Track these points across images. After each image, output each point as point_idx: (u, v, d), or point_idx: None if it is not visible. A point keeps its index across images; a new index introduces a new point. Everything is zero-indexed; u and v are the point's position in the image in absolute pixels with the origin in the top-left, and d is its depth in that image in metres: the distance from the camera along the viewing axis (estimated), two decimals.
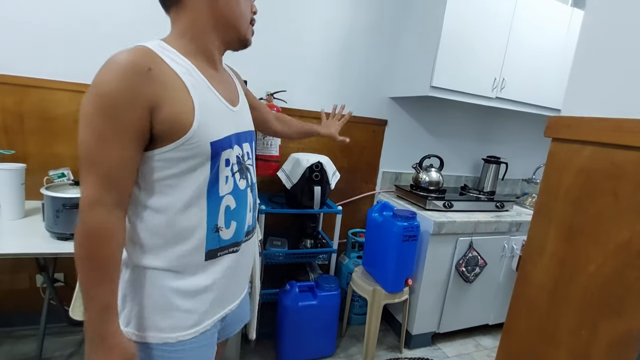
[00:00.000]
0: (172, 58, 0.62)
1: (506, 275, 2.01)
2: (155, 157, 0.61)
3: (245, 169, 0.75)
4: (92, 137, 0.56)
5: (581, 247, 0.57)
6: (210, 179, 0.65)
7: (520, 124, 2.56)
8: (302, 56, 1.88)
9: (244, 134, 0.76)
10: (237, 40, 0.73)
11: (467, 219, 1.81)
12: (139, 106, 0.56)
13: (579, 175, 0.57)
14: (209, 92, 0.66)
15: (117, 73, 0.55)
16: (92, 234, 0.57)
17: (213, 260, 0.70)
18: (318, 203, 1.70)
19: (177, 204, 0.64)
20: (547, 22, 1.94)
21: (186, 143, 0.61)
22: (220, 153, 0.66)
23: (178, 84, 0.61)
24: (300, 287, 1.65)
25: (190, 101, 0.61)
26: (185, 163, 0.62)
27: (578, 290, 0.57)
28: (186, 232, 0.65)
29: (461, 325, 2.02)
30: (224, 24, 0.68)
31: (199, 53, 0.68)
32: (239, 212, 0.73)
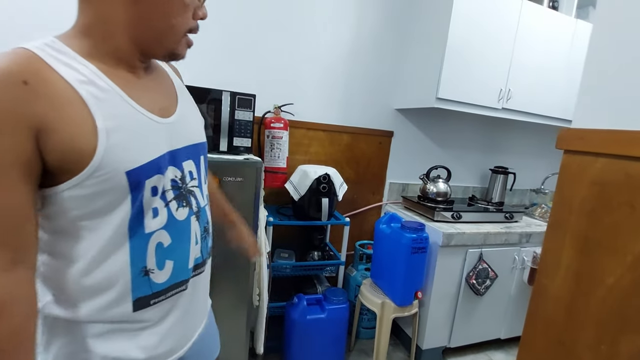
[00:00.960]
0: (64, 62, 0.47)
1: (518, 287, 1.97)
2: (57, 195, 0.47)
3: (187, 194, 0.61)
4: None
5: (598, 260, 0.56)
6: (131, 215, 0.52)
7: (528, 134, 2.55)
8: (309, 69, 1.91)
9: (182, 150, 0.60)
10: (162, 54, 0.57)
11: (476, 230, 1.79)
12: (18, 132, 0.42)
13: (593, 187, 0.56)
14: (121, 104, 0.51)
15: None
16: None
17: (146, 310, 0.56)
18: (326, 215, 1.70)
19: (93, 249, 0.51)
20: (551, 33, 1.95)
21: (92, 176, 0.47)
22: (143, 182, 0.52)
23: (72, 99, 0.46)
24: (308, 300, 1.64)
25: (89, 120, 0.46)
26: (98, 201, 0.49)
27: (596, 304, 0.56)
28: (105, 282, 0.52)
29: (472, 340, 1.97)
30: (145, 34, 0.52)
31: (108, 54, 0.51)
32: (176, 249, 0.59)
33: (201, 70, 1.71)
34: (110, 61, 0.52)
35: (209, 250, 0.71)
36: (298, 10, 1.82)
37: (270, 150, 1.72)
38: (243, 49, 1.76)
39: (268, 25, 1.78)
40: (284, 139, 1.73)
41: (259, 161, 1.39)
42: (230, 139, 1.46)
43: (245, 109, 1.47)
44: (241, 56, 1.76)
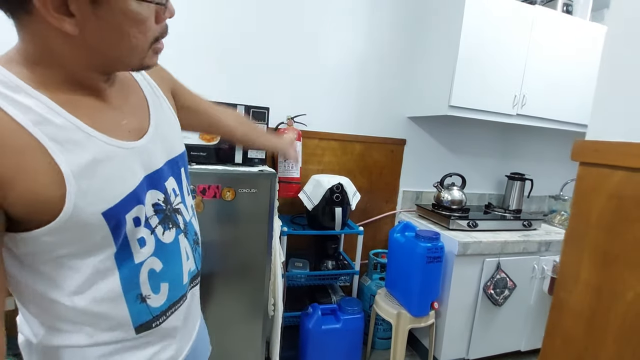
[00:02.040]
0: (14, 100, 0.39)
1: (538, 297, 1.92)
2: (31, 239, 0.43)
3: (171, 214, 0.58)
4: None
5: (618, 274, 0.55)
6: (117, 251, 0.49)
7: (544, 140, 2.50)
8: (321, 79, 1.94)
9: (161, 170, 0.56)
10: (128, 69, 0.52)
11: (493, 239, 1.76)
12: None
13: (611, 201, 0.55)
14: (86, 141, 0.44)
15: None
16: None
17: (150, 332, 0.55)
18: (339, 224, 1.71)
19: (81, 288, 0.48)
20: (566, 37, 1.92)
21: (66, 225, 0.42)
22: (123, 218, 0.48)
23: (27, 145, 0.39)
24: (323, 310, 1.64)
25: (53, 167, 0.41)
26: (77, 244, 0.45)
27: (617, 319, 0.54)
28: (102, 313, 0.50)
29: (492, 352, 1.92)
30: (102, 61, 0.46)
31: (66, 82, 0.45)
32: (169, 271, 0.57)
33: (216, 85, 1.76)
34: (68, 88, 0.45)
35: (201, 258, 0.69)
36: (309, 21, 1.86)
37: (284, 161, 1.75)
38: (255, 61, 1.81)
39: (280, 37, 1.83)
40: (297, 150, 1.76)
41: (273, 172, 1.41)
42: (245, 151, 1.49)
43: (259, 121, 1.51)
44: (254, 69, 1.81)
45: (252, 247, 1.41)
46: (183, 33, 1.68)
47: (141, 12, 0.43)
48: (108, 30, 0.42)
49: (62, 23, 0.39)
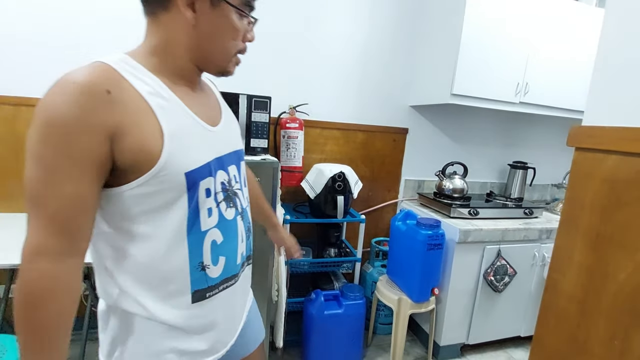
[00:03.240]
0: (137, 76, 0.53)
1: (538, 284, 1.94)
2: (123, 194, 0.53)
3: (232, 195, 0.67)
4: (39, 171, 0.47)
5: (610, 256, 0.56)
6: (189, 214, 0.57)
7: (547, 128, 2.49)
8: (322, 68, 1.94)
9: (227, 156, 0.67)
10: (214, 71, 0.65)
11: (494, 227, 1.77)
12: (96, 135, 0.48)
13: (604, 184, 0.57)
14: (182, 114, 0.58)
15: (69, 97, 0.47)
16: (32, 291, 0.48)
17: (202, 302, 0.62)
18: (341, 212, 1.73)
19: (156, 244, 0.56)
20: (571, 23, 1.90)
21: (156, 176, 0.52)
22: (198, 183, 0.58)
23: (143, 107, 0.52)
24: (326, 296, 1.67)
25: (157, 127, 0.53)
26: (158, 199, 0.54)
27: (608, 300, 0.56)
28: (167, 275, 0.58)
29: (491, 337, 1.96)
30: (201, 55, 0.60)
31: (171, 71, 0.59)
32: (227, 246, 0.65)
33: None
34: (172, 77, 0.59)
35: (251, 248, 0.77)
36: (311, 10, 1.85)
37: (286, 150, 1.76)
38: (257, 51, 1.81)
39: (281, 27, 1.82)
40: (299, 139, 1.77)
41: (276, 161, 1.43)
42: (248, 140, 1.51)
43: (261, 111, 1.52)
44: (256, 59, 1.81)
45: (255, 235, 1.44)
46: None
47: (238, 25, 0.60)
48: (214, 29, 0.58)
49: (187, 14, 0.55)
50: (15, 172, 1.60)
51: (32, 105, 1.57)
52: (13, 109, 1.55)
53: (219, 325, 0.67)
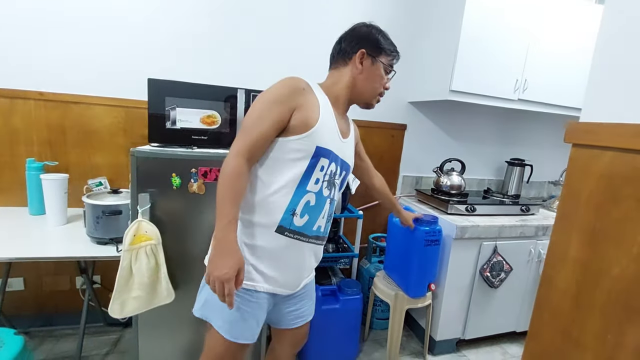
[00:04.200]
0: (318, 90, 0.94)
1: (533, 280, 1.96)
2: (281, 142, 0.88)
3: (332, 184, 0.97)
4: (254, 115, 0.85)
5: (604, 251, 0.57)
6: (305, 172, 0.89)
7: (545, 125, 2.49)
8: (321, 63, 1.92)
9: (342, 161, 0.99)
10: (363, 103, 1.03)
11: (490, 223, 1.78)
12: (288, 106, 0.85)
13: (601, 181, 0.57)
14: (331, 118, 0.94)
15: (284, 84, 0.88)
16: (232, 170, 0.82)
17: (280, 236, 0.91)
18: (339, 208, 1.73)
19: (278, 180, 0.89)
20: (570, 20, 1.90)
21: (303, 138, 0.87)
22: (320, 157, 0.90)
23: (315, 103, 0.90)
24: (323, 291, 1.68)
25: (317, 114, 0.89)
26: (296, 154, 0.87)
27: (602, 294, 0.57)
28: (272, 206, 0.89)
29: (487, 332, 1.98)
30: (358, 90, 0.99)
31: (335, 98, 0.98)
32: (314, 210, 0.93)
33: (217, 69, 1.76)
34: (333, 101, 0.97)
35: (327, 232, 1.03)
36: (309, 5, 1.83)
37: None
38: (255, 46, 1.80)
39: (279, 22, 1.81)
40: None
41: None
42: None
43: None
44: (255, 53, 1.80)
45: None
46: (184, 16, 1.66)
47: (383, 75, 1.01)
48: (370, 76, 0.98)
49: (359, 66, 0.97)
50: (10, 165, 1.59)
51: (28, 98, 1.55)
52: (9, 102, 1.54)
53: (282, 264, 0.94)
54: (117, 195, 1.42)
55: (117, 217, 1.32)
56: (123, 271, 1.18)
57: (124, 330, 1.85)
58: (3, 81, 1.52)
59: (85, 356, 1.64)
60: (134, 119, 1.69)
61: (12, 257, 1.17)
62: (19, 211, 1.57)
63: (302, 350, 1.71)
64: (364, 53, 0.96)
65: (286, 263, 0.95)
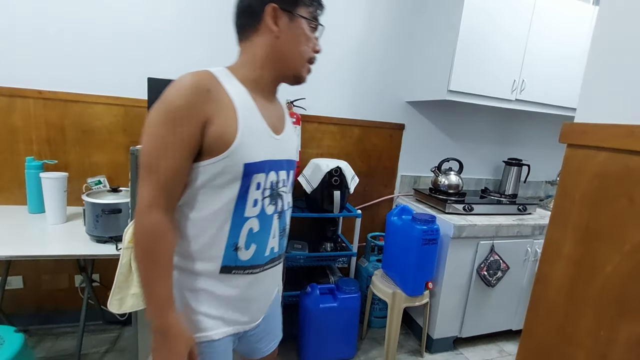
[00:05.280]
0: (230, 83, 0.69)
1: (530, 279, 1.97)
2: (197, 168, 0.67)
3: (276, 196, 0.78)
4: (155, 145, 0.63)
5: (598, 249, 0.58)
6: (237, 198, 0.69)
7: (542, 126, 2.51)
8: (319, 63, 1.93)
9: (282, 161, 0.78)
10: (291, 76, 0.77)
11: (488, 223, 1.80)
12: (196, 120, 0.63)
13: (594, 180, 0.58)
14: (255, 117, 0.71)
15: (182, 91, 0.63)
16: (150, 234, 0.64)
17: (227, 276, 0.73)
18: (338, 207, 1.74)
19: (206, 216, 0.69)
20: (568, 21, 1.91)
21: (224, 159, 0.66)
22: (252, 175, 0.70)
23: (230, 106, 0.67)
24: (321, 290, 1.69)
25: (235, 122, 0.67)
26: (220, 178, 0.67)
27: (596, 291, 0.58)
28: (208, 244, 0.71)
29: (484, 330, 1.99)
30: (281, 60, 0.74)
31: (255, 82, 0.74)
32: (261, 236, 0.75)
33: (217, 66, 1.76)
34: (255, 88, 0.74)
35: (284, 248, 0.86)
36: None
37: None
38: None
39: None
40: (296, 133, 1.77)
41: None
42: None
43: None
44: None
45: None
46: (184, 15, 1.67)
47: (309, 34, 0.76)
48: (291, 37, 0.73)
49: (274, 28, 0.71)
50: (9, 164, 1.59)
51: (27, 96, 1.55)
52: (8, 100, 1.54)
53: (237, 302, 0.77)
54: (117, 194, 1.42)
55: (116, 215, 1.32)
56: (122, 268, 1.18)
57: (123, 328, 1.86)
58: (2, 79, 1.52)
59: (84, 354, 1.64)
60: (134, 118, 1.70)
61: (11, 256, 1.17)
62: (18, 209, 1.57)
63: (301, 349, 1.73)
64: (276, 9, 0.70)
65: (243, 299, 0.78)
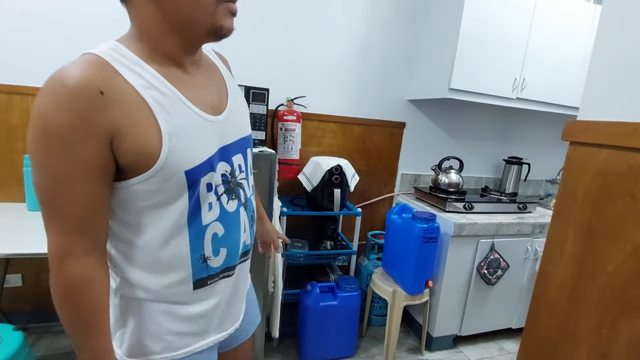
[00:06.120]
0: (130, 68, 0.50)
1: (530, 278, 1.97)
2: (124, 188, 0.53)
3: (235, 186, 0.65)
4: (49, 180, 0.47)
5: (600, 248, 0.58)
6: (189, 210, 0.57)
7: (543, 124, 2.51)
8: (320, 61, 1.93)
9: (233, 145, 0.64)
10: (205, 33, 0.56)
11: (488, 221, 1.79)
12: (96, 139, 0.47)
13: (597, 178, 0.58)
14: (180, 108, 0.54)
15: (61, 102, 0.45)
16: (69, 290, 0.51)
17: (203, 289, 0.63)
18: (338, 205, 1.74)
19: (157, 238, 0.57)
20: (569, 19, 1.91)
21: (156, 175, 0.51)
22: (199, 180, 0.56)
23: (139, 104, 0.49)
24: (321, 288, 1.69)
25: (155, 125, 0.50)
26: (158, 195, 0.54)
27: (597, 290, 0.58)
28: (170, 266, 0.59)
29: (484, 329, 1.99)
30: (178, 19, 0.53)
31: (162, 56, 0.54)
32: (229, 238, 0.64)
33: None
34: (164, 62, 0.55)
35: (253, 237, 0.74)
36: (309, 2, 1.83)
37: (284, 143, 1.76)
38: (256, 43, 1.79)
39: (279, 19, 1.81)
40: (296, 131, 1.77)
41: (273, 153, 1.43)
42: None
43: (259, 102, 1.51)
44: (254, 50, 1.80)
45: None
46: None
47: None
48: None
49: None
50: (8, 161, 1.58)
51: (26, 93, 1.55)
52: (6, 97, 1.53)
53: (218, 310, 0.68)
54: None
55: None
56: None
57: None
58: (1, 77, 1.51)
59: None
60: None
61: (10, 253, 1.17)
62: (17, 207, 1.57)
63: (301, 346, 1.73)
64: None
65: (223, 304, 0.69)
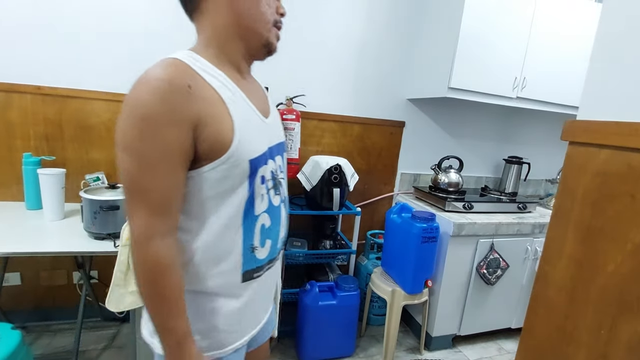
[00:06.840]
0: (206, 70, 0.58)
1: (529, 277, 1.97)
2: (195, 178, 0.58)
3: (278, 184, 0.71)
4: (138, 164, 0.52)
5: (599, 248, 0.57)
6: (248, 198, 0.62)
7: (543, 124, 2.50)
8: (320, 60, 1.92)
9: (276, 146, 0.71)
10: (260, 45, 0.66)
11: (487, 221, 1.79)
12: (184, 127, 0.53)
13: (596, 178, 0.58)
14: (245, 106, 0.62)
15: (157, 93, 0.51)
16: (155, 269, 0.55)
17: (249, 282, 0.67)
18: (337, 204, 1.73)
19: (215, 226, 0.61)
20: (570, 18, 1.90)
21: (226, 162, 0.58)
22: (258, 170, 0.63)
23: (216, 100, 0.57)
24: (320, 287, 1.69)
25: (229, 118, 0.58)
26: (225, 183, 0.59)
27: (597, 290, 0.57)
28: (223, 255, 0.63)
29: (483, 328, 1.99)
30: (245, 26, 0.62)
31: (228, 62, 0.63)
32: (273, 230, 0.69)
33: None
34: (229, 68, 0.64)
35: (287, 235, 0.80)
36: (309, 1, 1.82)
37: None
38: None
39: None
40: (296, 130, 1.76)
41: None
42: None
43: None
44: None
45: None
46: None
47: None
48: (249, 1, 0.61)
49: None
50: (7, 160, 1.58)
51: (24, 92, 1.54)
52: (5, 96, 1.53)
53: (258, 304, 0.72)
54: (115, 190, 1.41)
55: (114, 212, 1.31)
56: (120, 266, 1.17)
57: (122, 325, 1.85)
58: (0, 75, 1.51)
59: (82, 351, 1.64)
60: None
61: (8, 252, 1.17)
62: (16, 206, 1.57)
63: (300, 346, 1.72)
64: None
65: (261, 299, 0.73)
